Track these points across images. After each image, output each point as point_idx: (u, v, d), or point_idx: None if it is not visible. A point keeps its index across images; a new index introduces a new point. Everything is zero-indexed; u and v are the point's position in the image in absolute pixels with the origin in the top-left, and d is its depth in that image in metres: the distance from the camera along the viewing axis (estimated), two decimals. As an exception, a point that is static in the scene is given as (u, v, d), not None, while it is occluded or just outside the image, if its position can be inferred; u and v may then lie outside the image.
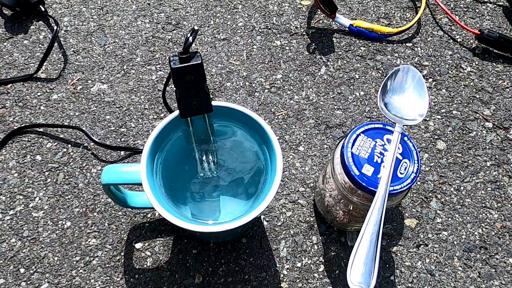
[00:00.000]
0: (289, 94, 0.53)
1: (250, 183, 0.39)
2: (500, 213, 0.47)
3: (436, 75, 0.56)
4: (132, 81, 0.53)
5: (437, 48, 0.58)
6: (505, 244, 0.45)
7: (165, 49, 0.56)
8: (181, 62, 0.32)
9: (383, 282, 0.43)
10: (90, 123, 0.50)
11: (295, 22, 0.59)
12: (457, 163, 0.50)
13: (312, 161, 0.49)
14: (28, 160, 0.47)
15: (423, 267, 0.44)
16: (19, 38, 0.55)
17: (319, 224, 0.45)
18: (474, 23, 0.60)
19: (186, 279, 0.42)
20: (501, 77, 0.56)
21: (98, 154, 0.48)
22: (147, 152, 0.35)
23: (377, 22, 0.60)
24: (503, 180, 0.49)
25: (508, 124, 0.52)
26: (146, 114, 0.51)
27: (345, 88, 0.54)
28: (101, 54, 0.55)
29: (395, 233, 0.45)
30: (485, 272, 0.44)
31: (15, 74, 0.52)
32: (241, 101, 0.52)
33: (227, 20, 0.59)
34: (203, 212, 0.38)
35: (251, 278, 0.42)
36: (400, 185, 0.34)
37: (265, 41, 0.57)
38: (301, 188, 0.47)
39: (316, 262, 0.43)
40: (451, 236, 0.45)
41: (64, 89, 0.52)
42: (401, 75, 0.39)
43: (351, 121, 0.52)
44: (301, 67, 0.55)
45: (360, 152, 0.35)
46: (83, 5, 0.59)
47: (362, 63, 0.56)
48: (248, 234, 0.44)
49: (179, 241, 0.44)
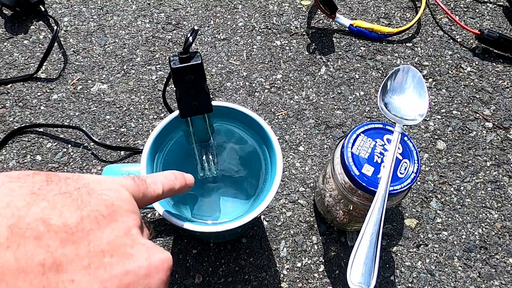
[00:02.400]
0: (289, 94, 0.53)
1: (250, 183, 0.39)
2: (500, 213, 0.47)
3: (436, 75, 0.56)
4: (132, 81, 0.53)
5: (437, 48, 0.58)
6: (505, 244, 0.45)
7: (165, 49, 0.56)
8: (181, 62, 0.32)
9: (383, 282, 0.43)
10: (90, 123, 0.50)
11: (295, 22, 0.59)
12: (457, 163, 0.50)
13: (312, 161, 0.49)
14: (28, 160, 0.47)
15: (423, 267, 0.44)
16: (19, 38, 0.55)
17: (319, 224, 0.45)
18: (474, 23, 0.60)
19: (186, 279, 0.42)
20: (501, 77, 0.56)
21: (98, 154, 0.48)
22: (147, 152, 0.35)
23: (377, 22, 0.60)
24: (503, 180, 0.49)
25: (508, 124, 0.52)
26: (146, 114, 0.51)
27: (345, 88, 0.54)
28: (101, 54, 0.55)
29: (395, 233, 0.45)
30: (485, 272, 0.44)
31: (15, 74, 0.52)
32: (241, 101, 0.52)
33: (227, 20, 0.59)
34: (203, 212, 0.38)
35: (251, 278, 0.42)
36: (400, 185, 0.34)
37: (265, 41, 0.57)
38: (301, 188, 0.47)
39: (316, 262, 0.43)
40: (451, 236, 0.45)
41: (64, 89, 0.52)
42: (401, 75, 0.39)
43: (351, 121, 0.52)
44: (301, 67, 0.55)
45: (360, 152, 0.35)
46: (83, 5, 0.59)
47: (362, 63, 0.56)
48: (248, 234, 0.44)
49: (179, 241, 0.44)
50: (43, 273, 0.15)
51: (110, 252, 0.17)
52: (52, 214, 0.16)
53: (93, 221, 0.17)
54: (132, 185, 0.22)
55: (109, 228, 0.18)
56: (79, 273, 0.16)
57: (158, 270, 0.19)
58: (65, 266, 0.16)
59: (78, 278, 0.16)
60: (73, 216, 0.17)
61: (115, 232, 0.18)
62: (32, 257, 0.15)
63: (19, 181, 0.17)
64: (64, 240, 0.16)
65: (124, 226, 0.19)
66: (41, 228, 0.16)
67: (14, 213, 0.15)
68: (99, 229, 0.18)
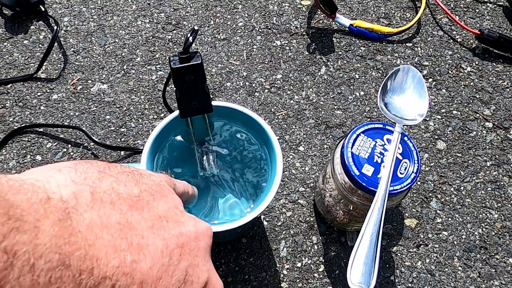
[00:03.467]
0: (289, 94, 0.53)
1: (250, 183, 0.39)
2: (500, 213, 0.47)
3: (436, 75, 0.56)
4: (132, 81, 0.53)
5: (437, 48, 0.58)
6: (505, 244, 0.45)
7: (165, 49, 0.56)
8: (181, 62, 0.32)
9: (383, 282, 0.43)
10: (90, 123, 0.50)
11: (295, 22, 0.59)
12: (457, 163, 0.50)
13: (312, 161, 0.49)
14: (28, 160, 0.47)
15: (423, 267, 0.44)
16: (19, 38, 0.55)
17: (319, 224, 0.45)
18: (474, 23, 0.60)
19: (186, 279, 0.42)
20: (501, 77, 0.56)
21: (98, 154, 0.48)
22: (147, 152, 0.35)
23: (377, 22, 0.60)
24: (503, 180, 0.49)
25: (508, 124, 0.52)
26: (146, 114, 0.51)
27: (345, 88, 0.54)
28: (101, 54, 0.55)
29: (395, 233, 0.45)
30: (485, 272, 0.44)
31: (15, 74, 0.52)
32: (241, 101, 0.52)
33: (227, 20, 0.59)
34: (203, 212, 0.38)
35: (251, 278, 0.42)
36: (400, 185, 0.34)
37: (265, 41, 0.57)
38: (301, 188, 0.47)
39: (316, 262, 0.43)
40: (451, 236, 0.45)
41: (64, 89, 0.52)
42: (401, 75, 0.39)
43: (351, 121, 0.52)
44: (301, 67, 0.55)
45: (360, 152, 0.35)
46: (83, 5, 0.59)
47: (362, 63, 0.56)
48: (248, 234, 0.44)
49: (179, 241, 0.44)
50: (121, 229, 0.19)
51: (166, 218, 0.21)
52: (119, 186, 0.20)
53: (149, 194, 0.22)
54: (167, 178, 0.26)
55: (161, 201, 0.22)
56: (147, 231, 0.20)
57: (204, 235, 0.23)
58: (135, 225, 0.19)
59: (146, 235, 0.19)
60: (135, 189, 0.21)
61: (167, 205, 0.22)
62: (110, 217, 0.19)
63: (88, 163, 0.21)
64: (131, 206, 0.20)
65: (172, 201, 0.23)
66: (113, 196, 0.20)
67: (91, 184, 0.19)
68: (154, 200, 0.22)
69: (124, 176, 0.21)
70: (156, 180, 0.23)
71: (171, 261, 0.20)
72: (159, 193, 0.22)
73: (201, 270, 0.22)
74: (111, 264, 0.17)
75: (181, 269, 0.20)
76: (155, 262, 0.19)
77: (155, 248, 0.19)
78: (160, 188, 0.23)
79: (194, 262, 0.22)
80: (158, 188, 0.23)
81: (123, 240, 0.18)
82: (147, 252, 0.19)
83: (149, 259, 0.19)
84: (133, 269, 0.18)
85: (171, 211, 0.22)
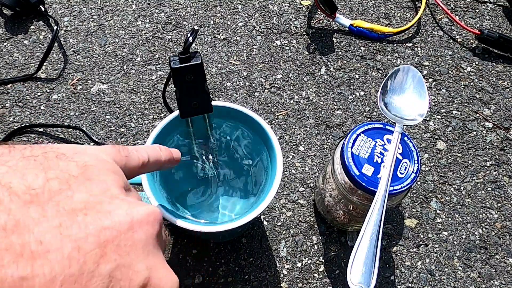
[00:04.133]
0: (289, 94, 0.53)
1: (250, 183, 0.39)
2: (500, 213, 0.47)
3: (436, 75, 0.56)
4: (132, 81, 0.53)
5: (437, 48, 0.58)
6: (505, 244, 0.45)
7: (165, 49, 0.56)
8: (181, 62, 0.32)
9: (383, 282, 0.43)
10: (90, 123, 0.50)
11: (295, 22, 0.59)
12: (457, 163, 0.50)
13: (312, 161, 0.49)
14: (28, 160, 0.47)
15: (423, 267, 0.44)
16: (19, 38, 0.55)
17: (319, 224, 0.45)
18: (474, 23, 0.60)
19: (186, 279, 0.42)
20: (501, 77, 0.56)
21: (98, 154, 0.48)
22: (147, 152, 0.35)
23: (377, 22, 0.60)
24: (503, 180, 0.49)
25: (508, 124, 0.52)
26: (146, 114, 0.51)
27: (345, 88, 0.54)
28: (101, 54, 0.55)
29: (395, 233, 0.45)
30: (485, 272, 0.44)
31: (15, 74, 0.52)
32: (241, 101, 0.52)
33: (227, 20, 0.59)
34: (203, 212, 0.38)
35: (251, 278, 0.42)
36: (400, 185, 0.34)
37: (265, 41, 0.57)
38: (301, 188, 0.47)
39: (316, 262, 0.43)
40: (451, 236, 0.45)
41: (64, 89, 0.52)
42: (401, 75, 0.39)
43: (351, 121, 0.52)
44: (301, 67, 0.55)
45: (360, 152, 0.35)
46: (83, 5, 0.59)
47: (362, 63, 0.56)
48: (248, 234, 0.44)
49: (179, 241, 0.44)
50: (5, 236, 0.15)
51: (84, 211, 0.17)
52: (13, 178, 0.16)
53: (61, 182, 0.17)
54: (113, 150, 0.21)
55: (82, 187, 0.18)
56: (49, 234, 0.15)
57: (143, 223, 0.19)
58: (31, 227, 0.15)
59: (47, 239, 0.15)
60: (37, 179, 0.17)
61: (91, 191, 0.18)
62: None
63: None
64: (27, 202, 0.16)
65: (101, 185, 0.18)
66: (1, 194, 0.15)
67: None
68: (69, 189, 0.17)
69: (26, 163, 0.17)
70: (79, 161, 0.19)
71: (85, 267, 0.16)
72: (80, 177, 0.18)
73: (135, 271, 0.18)
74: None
75: (101, 275, 0.16)
76: (56, 274, 0.15)
77: (58, 254, 0.15)
78: (84, 171, 0.18)
79: (124, 261, 0.17)
80: (80, 171, 0.18)
81: (8, 251, 0.14)
82: (45, 261, 0.15)
83: (48, 271, 0.15)
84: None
85: (93, 199, 0.18)
